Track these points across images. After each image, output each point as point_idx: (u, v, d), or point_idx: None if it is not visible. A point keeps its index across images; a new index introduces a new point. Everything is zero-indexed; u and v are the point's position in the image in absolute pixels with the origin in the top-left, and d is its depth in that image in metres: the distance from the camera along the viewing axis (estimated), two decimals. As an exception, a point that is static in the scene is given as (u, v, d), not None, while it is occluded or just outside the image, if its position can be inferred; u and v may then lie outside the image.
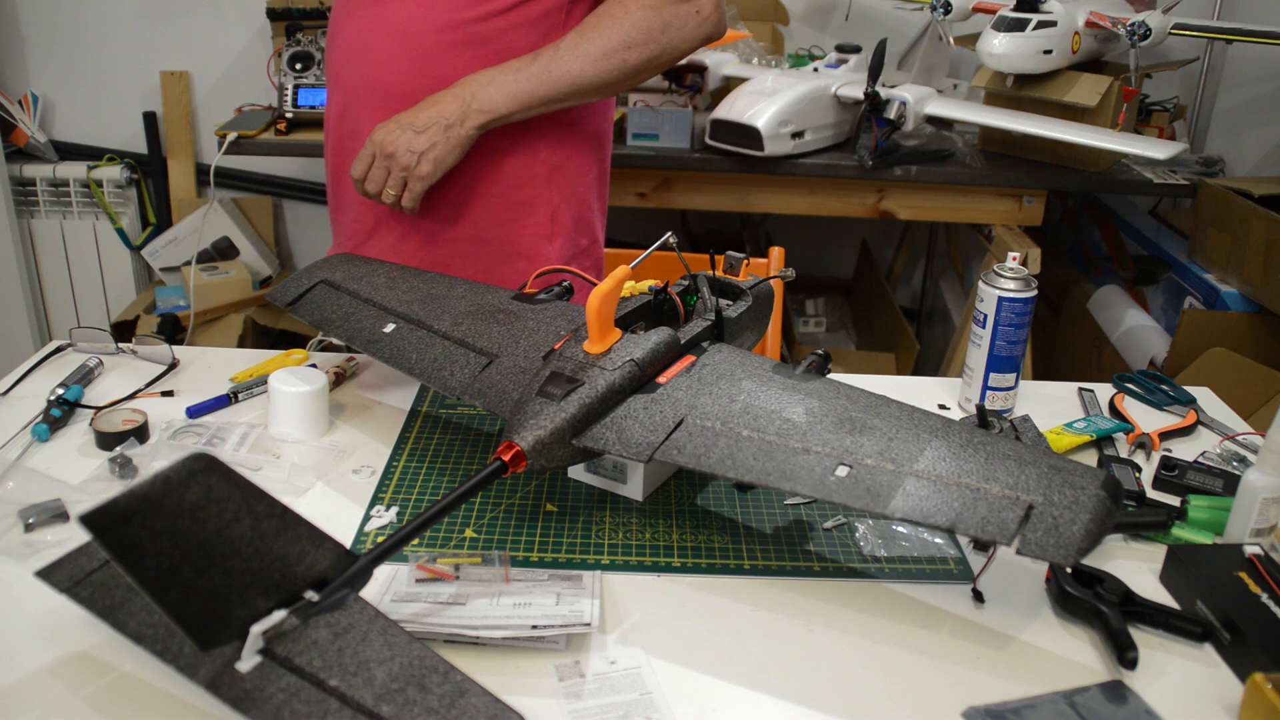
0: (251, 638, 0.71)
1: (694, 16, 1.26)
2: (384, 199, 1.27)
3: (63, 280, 3.07)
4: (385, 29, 1.31)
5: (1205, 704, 0.83)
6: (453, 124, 1.23)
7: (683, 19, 1.26)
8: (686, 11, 1.26)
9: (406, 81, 1.30)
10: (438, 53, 1.29)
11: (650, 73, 1.29)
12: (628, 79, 1.28)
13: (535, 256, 1.38)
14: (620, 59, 1.24)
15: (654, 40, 1.25)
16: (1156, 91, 2.84)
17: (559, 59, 1.24)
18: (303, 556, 0.74)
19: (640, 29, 1.24)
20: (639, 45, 1.25)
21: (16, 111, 2.96)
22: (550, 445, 0.93)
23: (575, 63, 1.24)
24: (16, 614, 0.87)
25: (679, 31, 1.26)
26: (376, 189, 1.27)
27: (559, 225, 1.39)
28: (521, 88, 1.24)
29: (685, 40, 1.27)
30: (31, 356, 1.33)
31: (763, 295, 1.16)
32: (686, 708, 0.80)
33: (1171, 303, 2.49)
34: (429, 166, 1.24)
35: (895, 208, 2.44)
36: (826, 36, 2.99)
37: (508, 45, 1.28)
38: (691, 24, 1.26)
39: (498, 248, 1.37)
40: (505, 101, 1.24)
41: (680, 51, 1.28)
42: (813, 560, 0.99)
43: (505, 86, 1.24)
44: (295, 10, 2.71)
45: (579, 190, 1.41)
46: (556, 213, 1.38)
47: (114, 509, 0.63)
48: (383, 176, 1.26)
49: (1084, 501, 0.80)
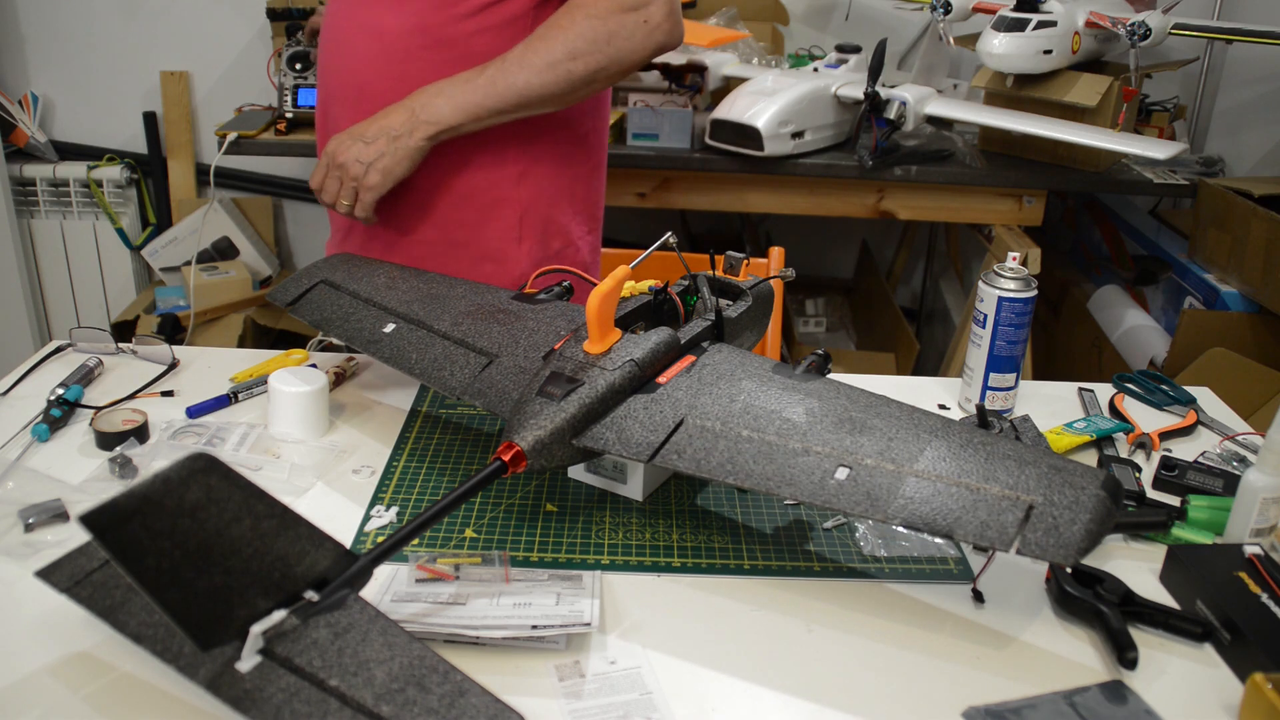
0: (251, 638, 0.71)
1: (642, 26, 1.24)
2: (339, 209, 1.28)
3: (63, 280, 3.07)
4: (361, 30, 1.33)
5: (1205, 704, 0.83)
6: (400, 135, 1.23)
7: (630, 29, 1.23)
8: (634, 21, 1.23)
9: (377, 82, 1.31)
10: (405, 55, 1.30)
11: (600, 83, 1.28)
12: (576, 90, 1.26)
13: (503, 259, 1.38)
14: (566, 70, 1.23)
15: (599, 50, 1.23)
16: (1156, 91, 2.84)
17: (506, 70, 1.23)
18: (303, 556, 0.74)
19: (585, 39, 1.22)
20: (584, 55, 1.23)
21: (16, 111, 2.96)
22: (550, 445, 0.93)
23: (521, 74, 1.23)
24: (16, 614, 0.87)
25: (626, 41, 1.24)
26: (331, 199, 1.28)
27: (527, 228, 1.39)
28: (469, 99, 1.23)
29: (634, 50, 1.25)
30: (31, 356, 1.33)
31: (763, 295, 1.16)
32: (686, 708, 0.80)
33: (1171, 303, 2.49)
34: (377, 177, 1.24)
35: (895, 208, 2.44)
36: (826, 36, 2.99)
37: (474, 49, 1.28)
38: (640, 34, 1.24)
39: (465, 249, 1.37)
40: (453, 113, 1.23)
41: (630, 63, 1.26)
42: (813, 560, 0.99)
43: (453, 98, 1.24)
44: (295, 10, 2.71)
45: (549, 193, 1.40)
46: (525, 215, 1.38)
47: (114, 509, 0.63)
48: (335, 187, 1.27)
49: (1084, 501, 0.80)
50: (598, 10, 1.23)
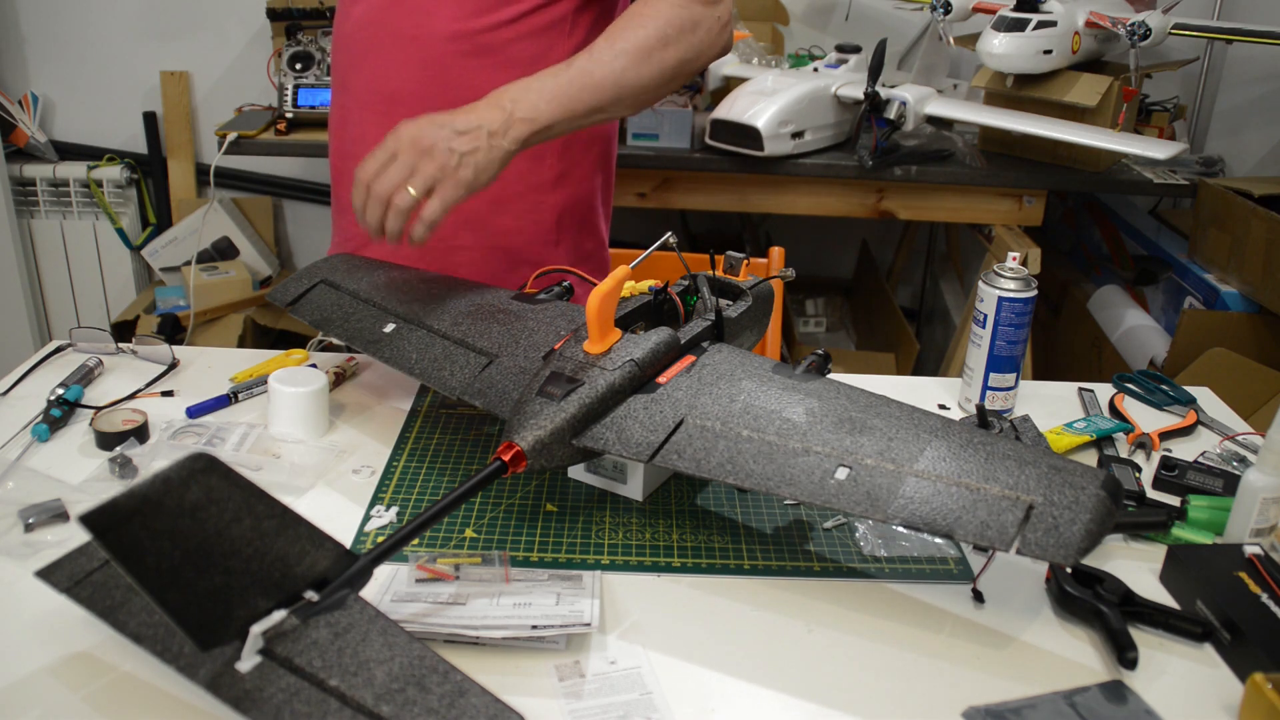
0: (251, 638, 0.71)
1: (716, 22, 1.21)
2: (395, 207, 1.06)
3: (63, 280, 3.07)
4: (393, 35, 1.29)
5: (1205, 704, 0.83)
6: (496, 132, 1.09)
7: (709, 21, 1.20)
8: (711, 16, 1.21)
9: (413, 89, 1.28)
10: (446, 61, 1.27)
11: (681, 78, 1.22)
12: (665, 83, 1.20)
13: (540, 262, 1.36)
14: (660, 58, 1.17)
15: (687, 38, 1.18)
16: (1156, 91, 2.84)
17: (598, 60, 1.15)
18: (303, 556, 0.74)
19: (674, 24, 1.17)
20: (675, 42, 1.18)
21: (16, 111, 2.96)
22: (550, 445, 0.93)
23: (616, 61, 1.15)
24: (17, 614, 0.87)
25: (706, 34, 1.20)
26: (390, 187, 1.06)
27: (564, 230, 1.38)
28: (563, 91, 1.12)
29: (710, 45, 1.22)
30: (31, 356, 1.33)
31: (763, 295, 1.16)
32: (686, 708, 0.80)
33: (1171, 303, 2.49)
34: (470, 172, 1.08)
35: (895, 208, 2.44)
36: (826, 36, 2.99)
37: (513, 55, 1.27)
38: (715, 29, 1.21)
39: (503, 254, 1.37)
40: (550, 108, 1.11)
41: (706, 56, 1.23)
42: (813, 560, 0.99)
43: (546, 92, 1.12)
44: (295, 10, 2.71)
45: (584, 194, 1.39)
46: (562, 218, 1.38)
47: (114, 509, 0.63)
48: (402, 175, 1.06)
49: (1084, 501, 0.80)
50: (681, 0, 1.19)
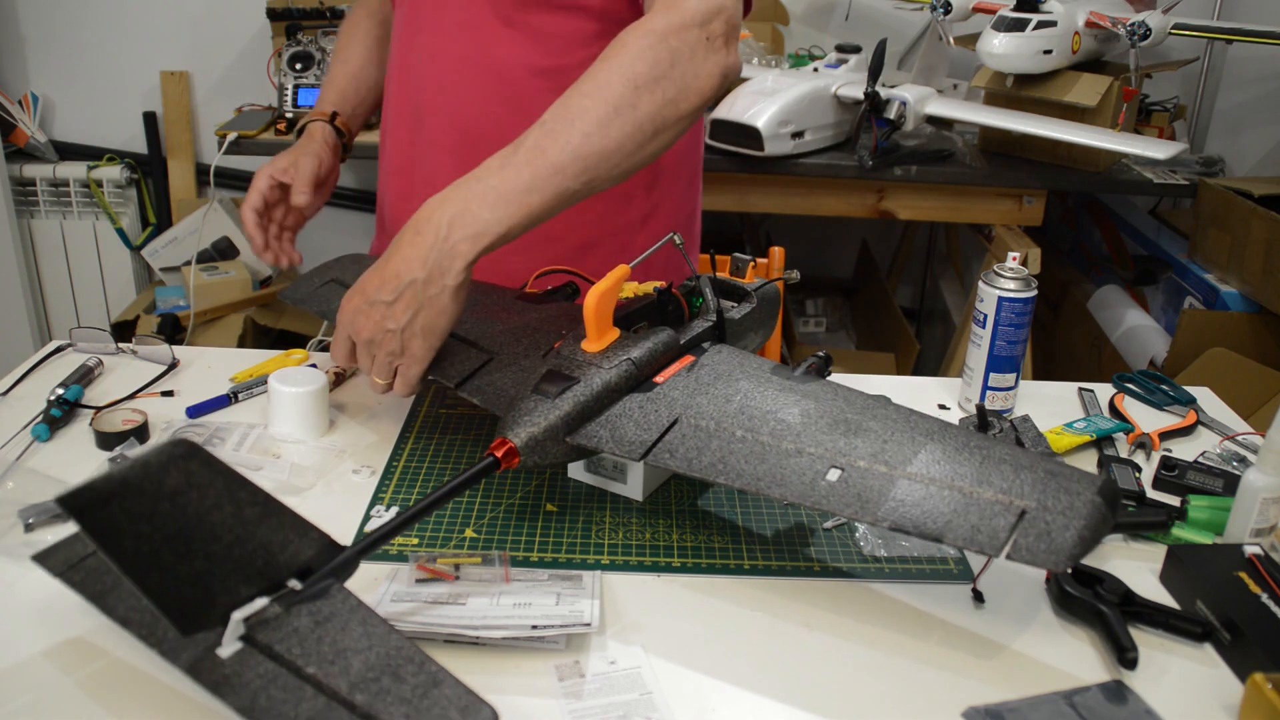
0: (233, 624, 0.72)
1: (704, 44, 1.01)
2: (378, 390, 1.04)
3: (63, 280, 3.07)
4: (475, 69, 1.20)
5: (1205, 704, 0.83)
6: (431, 278, 0.95)
7: (691, 46, 1.00)
8: (695, 38, 1.00)
9: (496, 127, 1.18)
10: (534, 97, 1.17)
11: (671, 127, 1.01)
12: (647, 139, 0.99)
13: None
14: (631, 113, 0.97)
15: (664, 76, 0.98)
16: (1156, 91, 2.84)
17: (550, 132, 0.96)
18: (286, 545, 0.75)
19: (644, 64, 0.98)
20: (649, 87, 0.98)
21: (16, 111, 2.96)
22: (544, 442, 0.93)
23: (573, 129, 0.95)
24: (14, 607, 0.88)
25: (690, 63, 1.00)
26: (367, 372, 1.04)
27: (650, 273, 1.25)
28: (510, 187, 0.94)
29: (700, 76, 1.01)
30: (31, 356, 1.33)
31: (768, 297, 1.16)
32: (686, 708, 0.80)
33: (1171, 303, 2.49)
34: (420, 341, 0.98)
35: (895, 208, 2.44)
36: (826, 36, 2.99)
37: None
38: (701, 52, 1.01)
39: None
40: (497, 214, 0.94)
41: (699, 91, 1.02)
42: (813, 561, 0.99)
43: (490, 196, 0.94)
44: (295, 10, 2.71)
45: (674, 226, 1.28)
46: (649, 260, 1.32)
47: (91, 491, 0.64)
48: (366, 366, 1.02)
49: (1078, 507, 0.79)
50: (652, 28, 1.00)
